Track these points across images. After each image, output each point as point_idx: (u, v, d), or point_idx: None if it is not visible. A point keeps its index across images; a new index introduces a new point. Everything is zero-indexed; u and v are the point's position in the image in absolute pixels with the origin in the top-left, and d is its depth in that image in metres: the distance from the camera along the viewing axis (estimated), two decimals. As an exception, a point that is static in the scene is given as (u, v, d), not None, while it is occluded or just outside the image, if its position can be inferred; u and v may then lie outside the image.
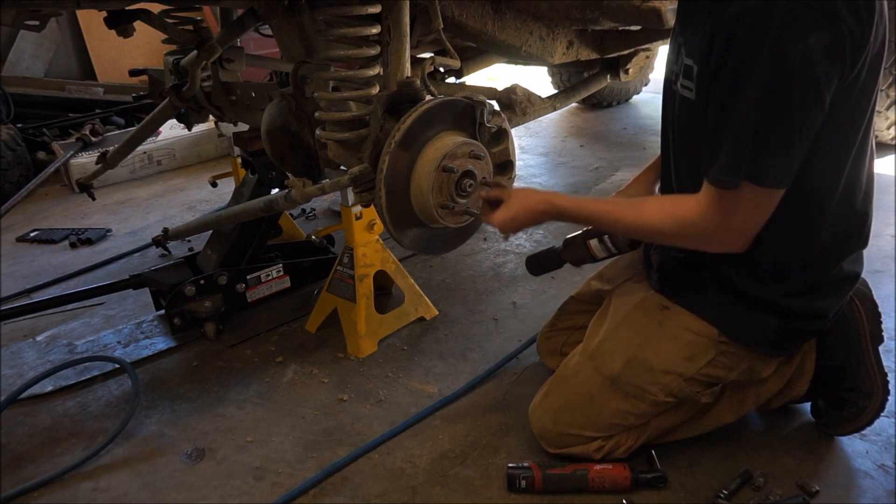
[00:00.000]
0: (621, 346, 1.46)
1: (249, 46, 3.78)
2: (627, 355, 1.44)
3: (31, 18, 1.69)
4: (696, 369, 1.40)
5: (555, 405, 1.53)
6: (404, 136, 1.48)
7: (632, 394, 1.44)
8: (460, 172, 1.53)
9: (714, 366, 1.40)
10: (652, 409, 1.45)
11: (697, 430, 1.54)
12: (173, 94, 2.47)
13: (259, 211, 1.90)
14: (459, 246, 1.81)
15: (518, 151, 3.91)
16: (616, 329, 1.50)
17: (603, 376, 1.46)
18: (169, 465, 1.65)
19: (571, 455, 1.51)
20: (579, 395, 1.50)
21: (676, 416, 1.50)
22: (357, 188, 1.59)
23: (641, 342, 1.44)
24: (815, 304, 1.35)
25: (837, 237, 1.31)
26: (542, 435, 1.55)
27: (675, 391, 1.42)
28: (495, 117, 1.60)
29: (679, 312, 1.42)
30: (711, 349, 1.39)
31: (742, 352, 1.39)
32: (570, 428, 1.49)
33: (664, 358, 1.41)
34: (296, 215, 3.24)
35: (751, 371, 1.43)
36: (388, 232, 1.60)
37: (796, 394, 1.54)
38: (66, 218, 3.57)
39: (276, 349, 2.12)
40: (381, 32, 1.60)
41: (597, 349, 1.50)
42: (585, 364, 1.51)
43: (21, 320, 2.33)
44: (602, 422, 1.47)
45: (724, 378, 1.43)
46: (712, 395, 1.44)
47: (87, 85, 5.02)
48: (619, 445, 1.49)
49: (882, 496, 1.42)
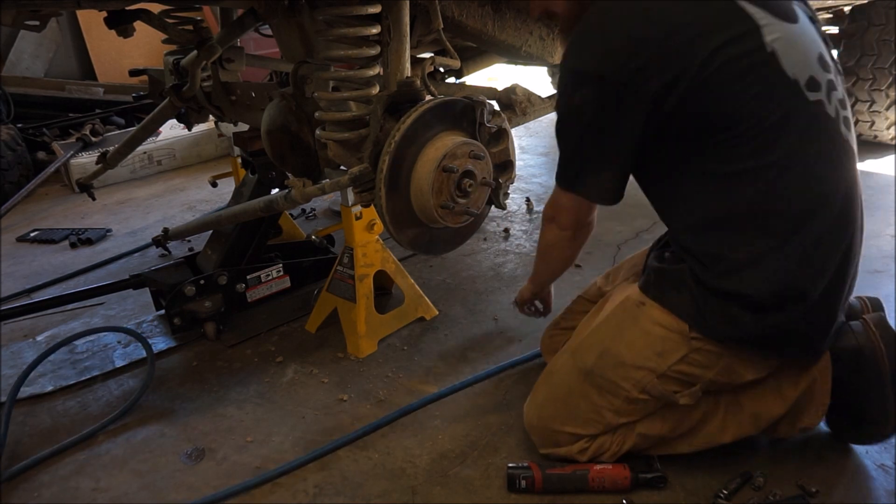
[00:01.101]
0: (597, 340, 1.48)
1: (249, 46, 3.78)
2: (601, 349, 1.46)
3: (31, 18, 1.69)
4: (667, 365, 1.39)
5: (539, 399, 1.57)
6: (404, 136, 1.48)
7: (605, 388, 1.45)
8: (460, 172, 1.53)
9: (688, 363, 1.38)
10: (628, 406, 1.44)
11: (691, 446, 1.49)
12: (173, 94, 2.47)
13: (259, 211, 1.90)
14: (459, 246, 1.81)
15: (518, 151, 3.91)
16: (598, 325, 1.52)
17: (578, 369, 1.49)
18: (169, 465, 1.65)
19: (558, 456, 1.51)
20: (560, 388, 1.52)
21: (664, 426, 1.47)
22: (357, 188, 1.58)
23: (615, 336, 1.46)
24: (788, 288, 1.30)
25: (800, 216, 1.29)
26: (530, 430, 1.58)
27: (649, 388, 1.41)
28: (495, 117, 1.60)
29: (652, 307, 1.42)
30: (683, 345, 1.38)
31: (717, 349, 1.37)
32: (553, 422, 1.51)
33: (636, 353, 1.41)
34: (296, 215, 3.25)
35: (730, 371, 1.39)
36: (388, 232, 1.60)
37: (808, 424, 1.48)
38: (66, 218, 3.57)
39: (276, 349, 2.12)
40: (381, 32, 1.60)
41: (578, 344, 1.53)
42: (567, 359, 1.54)
43: (21, 320, 2.33)
44: (581, 416, 1.48)
45: (700, 377, 1.39)
46: (692, 396, 1.41)
47: (87, 85, 5.02)
48: (603, 449, 1.48)
49: (882, 496, 1.42)
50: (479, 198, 1.63)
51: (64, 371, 2.06)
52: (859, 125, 3.69)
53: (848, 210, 1.33)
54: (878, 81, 3.48)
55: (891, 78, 3.44)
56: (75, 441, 1.73)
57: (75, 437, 1.74)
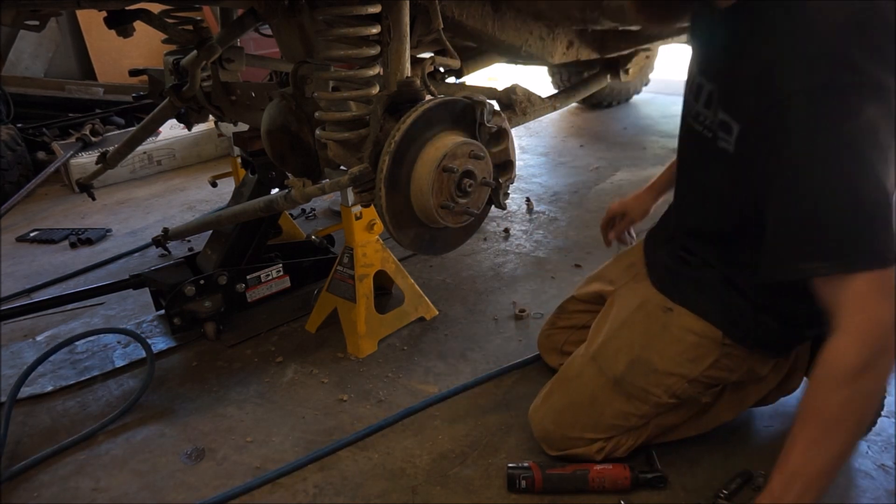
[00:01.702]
0: (624, 347, 1.47)
1: (249, 46, 3.78)
2: (631, 357, 1.45)
3: (31, 18, 1.69)
4: (699, 371, 1.40)
5: (557, 406, 1.53)
6: (404, 136, 1.48)
7: (635, 395, 1.44)
8: (460, 172, 1.53)
9: (717, 367, 1.40)
10: (654, 411, 1.46)
11: (697, 429, 1.54)
12: (173, 94, 2.47)
13: (259, 211, 1.90)
14: (460, 246, 1.81)
15: (518, 151, 3.91)
16: (619, 330, 1.50)
17: (606, 377, 1.47)
18: (169, 465, 1.65)
19: (572, 456, 1.51)
20: (582, 395, 1.50)
21: (677, 416, 1.50)
22: (357, 188, 1.58)
23: (645, 344, 1.44)
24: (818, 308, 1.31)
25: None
26: (544, 437, 1.55)
27: (678, 392, 1.42)
28: (495, 117, 1.60)
29: (682, 314, 1.42)
30: (715, 351, 1.39)
31: (745, 354, 1.39)
32: (573, 430, 1.49)
33: (668, 360, 1.41)
34: (296, 215, 3.25)
35: (751, 372, 1.43)
36: (388, 232, 1.60)
37: (793, 387, 1.56)
38: (66, 218, 3.57)
39: (276, 349, 2.12)
40: (381, 32, 1.60)
41: (599, 350, 1.51)
42: (588, 365, 1.51)
43: (21, 320, 2.33)
44: (604, 423, 1.47)
45: (725, 379, 1.43)
46: (713, 395, 1.46)
47: (87, 85, 5.02)
48: (619, 446, 1.49)
49: (882, 496, 1.42)
50: (479, 198, 1.63)
51: (64, 371, 2.06)
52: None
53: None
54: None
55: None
56: (75, 441, 1.73)
57: (75, 437, 1.74)
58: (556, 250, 2.69)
